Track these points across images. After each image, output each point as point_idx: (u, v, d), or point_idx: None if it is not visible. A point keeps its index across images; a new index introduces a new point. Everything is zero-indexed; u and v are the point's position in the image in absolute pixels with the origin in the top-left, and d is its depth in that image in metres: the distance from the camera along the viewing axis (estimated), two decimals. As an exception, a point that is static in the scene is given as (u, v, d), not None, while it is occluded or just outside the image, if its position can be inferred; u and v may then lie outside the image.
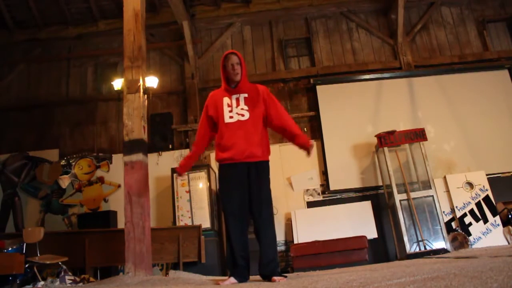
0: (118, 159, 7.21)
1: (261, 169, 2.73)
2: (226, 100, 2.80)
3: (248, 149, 2.69)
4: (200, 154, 3.09)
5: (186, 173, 3.10)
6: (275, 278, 2.52)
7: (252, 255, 2.76)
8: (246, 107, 2.73)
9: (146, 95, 4.10)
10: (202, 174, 6.44)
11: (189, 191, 6.36)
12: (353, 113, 7.30)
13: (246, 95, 2.78)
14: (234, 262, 2.70)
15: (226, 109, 2.76)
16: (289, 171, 7.05)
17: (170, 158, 7.23)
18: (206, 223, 6.13)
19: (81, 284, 4.00)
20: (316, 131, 7.37)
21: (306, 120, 7.51)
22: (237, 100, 2.77)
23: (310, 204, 6.95)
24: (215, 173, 6.70)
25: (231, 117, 2.74)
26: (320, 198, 7.02)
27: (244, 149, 2.69)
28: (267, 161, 2.81)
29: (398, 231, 6.31)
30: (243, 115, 2.72)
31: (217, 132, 2.84)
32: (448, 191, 6.62)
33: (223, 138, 2.75)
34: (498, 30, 8.06)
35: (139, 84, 3.98)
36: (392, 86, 7.50)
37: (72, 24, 8.13)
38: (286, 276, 2.69)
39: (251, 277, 2.80)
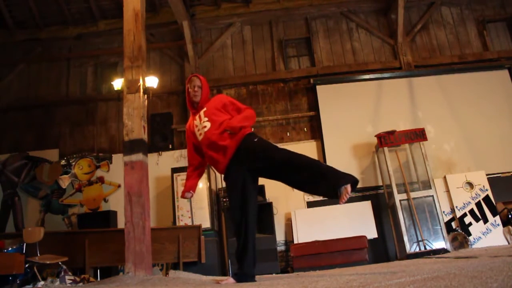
0: (118, 159, 7.21)
1: (246, 146, 2.69)
2: (193, 123, 2.95)
3: (223, 150, 2.72)
4: (199, 169, 3.05)
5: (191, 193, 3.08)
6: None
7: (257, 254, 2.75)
8: (206, 118, 2.83)
9: (146, 95, 4.09)
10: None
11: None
12: (353, 113, 7.30)
13: (205, 109, 2.90)
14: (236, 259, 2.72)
15: (196, 131, 2.90)
16: (289, 171, 7.04)
17: (170, 158, 7.23)
18: (206, 223, 6.13)
19: (81, 284, 4.00)
20: (316, 131, 7.37)
21: (306, 120, 7.52)
22: (200, 117, 2.90)
23: (310, 204, 6.95)
24: (215, 173, 6.70)
25: (200, 134, 2.86)
26: (320, 198, 7.00)
27: (223, 155, 2.73)
28: (247, 135, 2.73)
29: (398, 231, 6.31)
30: (205, 127, 2.82)
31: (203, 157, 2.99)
32: (448, 191, 6.62)
33: (206, 156, 2.89)
34: (498, 30, 8.06)
35: (139, 84, 3.98)
36: (392, 86, 7.50)
37: (72, 24, 8.13)
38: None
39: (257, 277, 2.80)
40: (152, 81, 6.81)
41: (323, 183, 2.52)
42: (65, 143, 7.64)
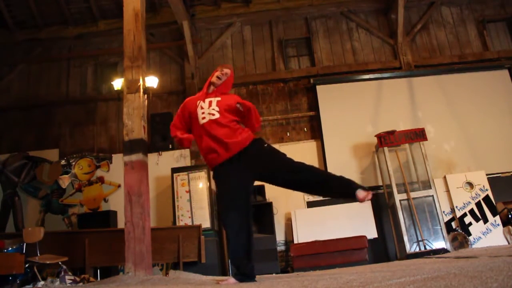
0: (118, 159, 7.21)
1: (256, 151, 2.70)
2: (199, 103, 2.87)
3: (225, 146, 2.67)
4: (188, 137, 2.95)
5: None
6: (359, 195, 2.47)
7: (254, 254, 2.74)
8: (217, 108, 2.78)
9: (146, 95, 4.10)
10: (202, 174, 6.44)
11: (189, 191, 6.36)
12: (353, 113, 7.30)
13: (219, 98, 2.85)
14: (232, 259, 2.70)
15: (199, 111, 2.82)
16: (289, 171, 7.04)
17: (170, 158, 7.23)
18: (206, 223, 6.13)
19: (81, 284, 4.00)
20: (316, 131, 7.37)
21: (306, 120, 7.52)
22: (210, 102, 2.84)
23: (310, 204, 6.95)
24: (215, 173, 6.70)
25: (203, 118, 2.79)
26: (320, 198, 7.00)
27: (225, 150, 2.67)
28: (256, 140, 2.75)
29: (398, 231, 6.32)
30: (213, 114, 2.76)
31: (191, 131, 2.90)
32: (448, 191, 6.62)
33: (202, 141, 2.79)
34: (498, 30, 8.07)
35: (139, 84, 3.99)
36: (392, 86, 7.50)
37: (72, 24, 8.14)
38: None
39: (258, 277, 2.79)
40: (152, 81, 6.82)
41: (339, 183, 2.60)
42: (65, 143, 7.64)
